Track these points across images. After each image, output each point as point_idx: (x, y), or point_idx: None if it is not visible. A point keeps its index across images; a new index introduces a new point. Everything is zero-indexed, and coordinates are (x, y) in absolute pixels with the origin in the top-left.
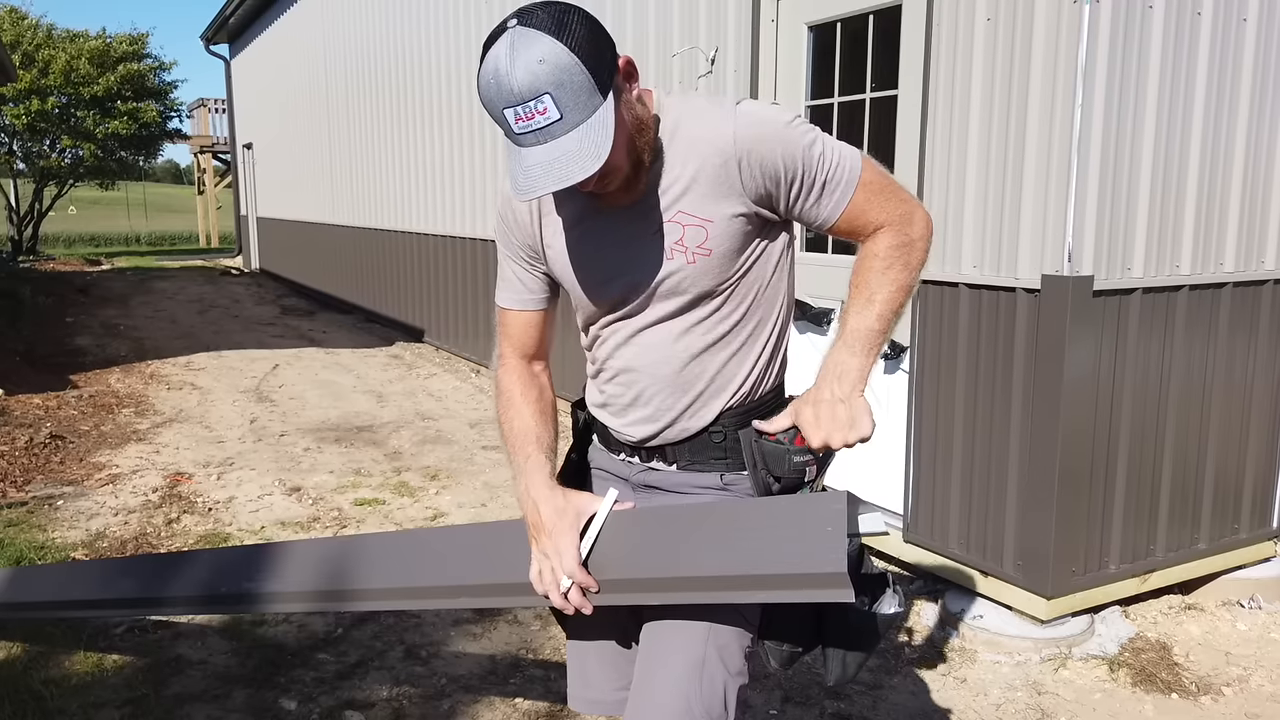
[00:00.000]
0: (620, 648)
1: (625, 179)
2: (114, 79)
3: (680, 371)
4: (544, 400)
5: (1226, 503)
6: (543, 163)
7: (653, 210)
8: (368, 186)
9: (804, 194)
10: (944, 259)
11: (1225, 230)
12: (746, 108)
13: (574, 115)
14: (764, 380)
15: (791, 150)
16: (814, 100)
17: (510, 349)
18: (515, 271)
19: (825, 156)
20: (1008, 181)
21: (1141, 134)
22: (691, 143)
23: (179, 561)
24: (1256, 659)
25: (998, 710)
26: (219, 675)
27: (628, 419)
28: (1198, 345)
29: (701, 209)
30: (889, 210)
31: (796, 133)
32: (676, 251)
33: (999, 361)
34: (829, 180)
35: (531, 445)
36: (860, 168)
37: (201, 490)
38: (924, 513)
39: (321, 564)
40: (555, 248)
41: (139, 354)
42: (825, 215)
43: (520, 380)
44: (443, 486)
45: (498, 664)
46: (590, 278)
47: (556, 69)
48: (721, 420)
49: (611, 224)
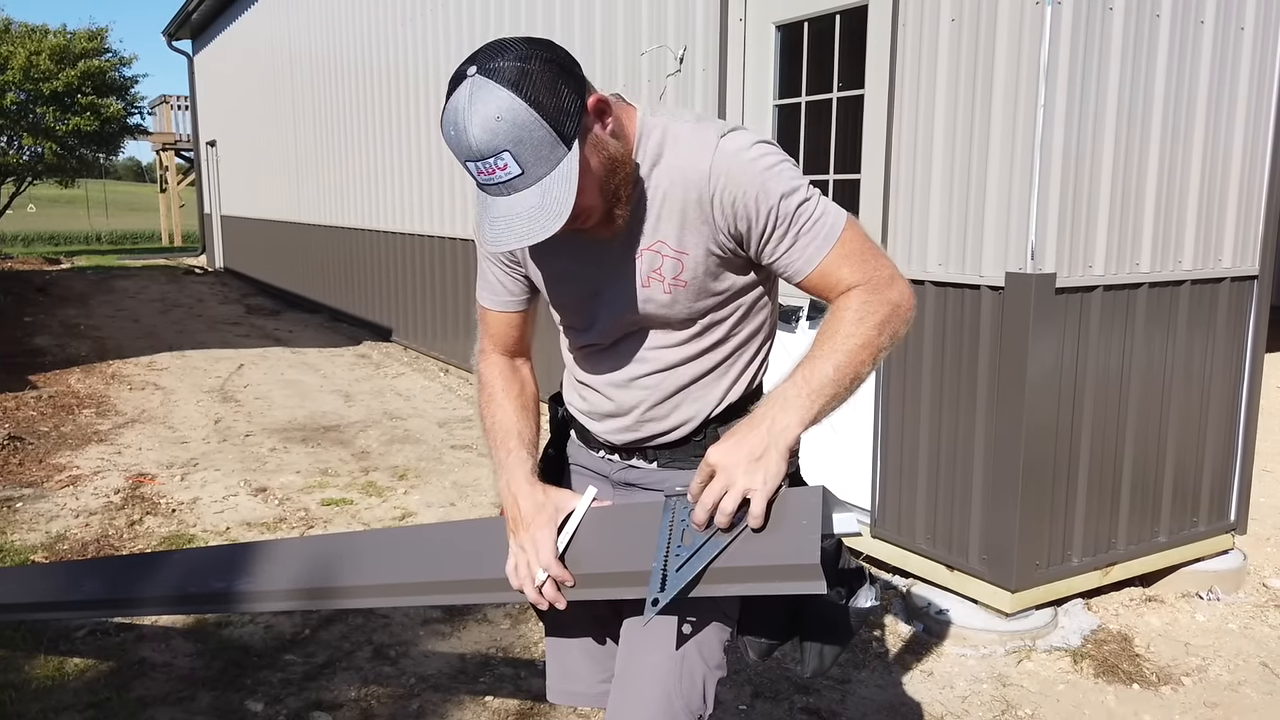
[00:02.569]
0: (601, 640)
1: (603, 214)
2: (74, 75)
3: (659, 388)
4: (526, 394)
5: (1185, 497)
6: (506, 216)
7: (633, 237)
8: (333, 184)
9: (775, 242)
10: (910, 257)
11: (1184, 228)
12: (729, 143)
13: (535, 170)
14: (748, 389)
15: (768, 194)
16: (782, 100)
17: (491, 344)
18: (495, 274)
19: (804, 208)
20: (972, 180)
21: (1102, 134)
22: (670, 172)
23: (145, 562)
24: (1215, 649)
25: (964, 703)
26: (183, 678)
27: (606, 426)
28: (1157, 342)
29: (678, 241)
30: (866, 272)
31: (777, 177)
32: (653, 280)
33: (964, 358)
34: (803, 232)
35: (513, 440)
36: (842, 226)
37: (165, 491)
38: (891, 508)
39: (294, 562)
40: (536, 260)
41: (100, 354)
42: (797, 267)
43: (502, 374)
44: (411, 486)
45: (467, 663)
46: (568, 297)
47: (514, 126)
48: (703, 430)
49: (592, 247)
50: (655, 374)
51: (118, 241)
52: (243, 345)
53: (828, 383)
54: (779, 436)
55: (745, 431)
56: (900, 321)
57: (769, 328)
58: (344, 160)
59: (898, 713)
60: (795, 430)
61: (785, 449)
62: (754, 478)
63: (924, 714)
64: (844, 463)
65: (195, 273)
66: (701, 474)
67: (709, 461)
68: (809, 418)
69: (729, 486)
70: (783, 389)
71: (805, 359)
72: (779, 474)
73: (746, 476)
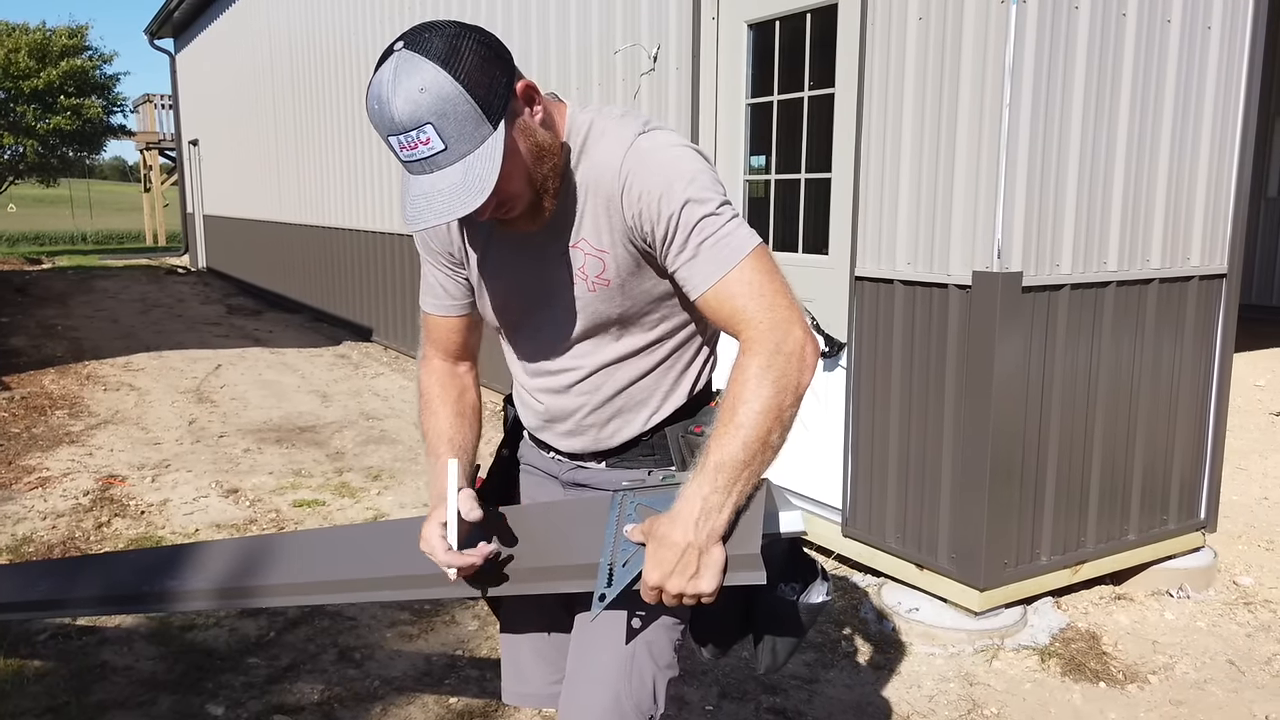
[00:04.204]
0: (552, 639)
1: (529, 206)
2: (55, 74)
3: (598, 392)
4: (464, 401)
5: (1155, 495)
6: (427, 194)
7: (561, 234)
8: (314, 183)
9: (675, 251)
10: (880, 256)
11: (1151, 227)
12: (646, 141)
13: (459, 146)
14: (694, 387)
15: (670, 199)
16: (754, 98)
17: (434, 350)
18: (436, 277)
19: (709, 221)
20: (939, 179)
21: (1069, 132)
22: (591, 168)
23: (98, 562)
24: (1182, 647)
25: (930, 701)
26: (144, 681)
27: (551, 433)
28: (1125, 341)
29: (598, 239)
30: (763, 307)
31: (687, 183)
32: (578, 279)
33: (932, 357)
34: (705, 246)
35: (443, 447)
36: (748, 251)
37: (135, 493)
38: (862, 507)
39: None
40: (472, 258)
41: (76, 354)
42: (695, 283)
43: (440, 381)
44: (385, 487)
45: (433, 664)
46: (496, 294)
47: (439, 99)
48: (648, 431)
49: (521, 244)
50: (592, 376)
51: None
52: (221, 346)
53: (739, 464)
54: (709, 543)
55: (674, 550)
56: (800, 372)
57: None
58: (324, 159)
59: (864, 712)
60: (722, 529)
61: (718, 548)
62: (696, 586)
63: (891, 713)
64: (815, 461)
65: (178, 273)
66: (636, 538)
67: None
68: (733, 508)
69: (668, 592)
70: (699, 486)
71: (712, 439)
72: (717, 574)
73: (689, 585)
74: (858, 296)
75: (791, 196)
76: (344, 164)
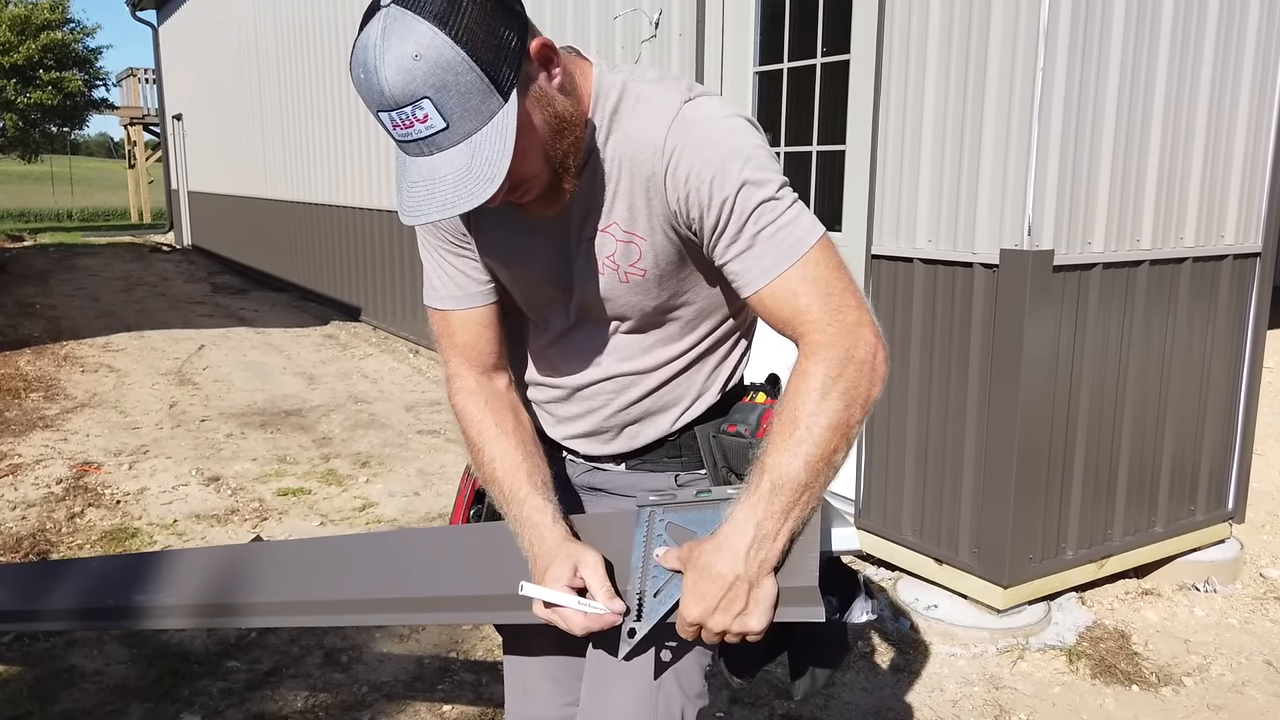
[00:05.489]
0: (564, 660)
1: (549, 186)
2: (35, 47)
3: (623, 394)
4: (524, 429)
5: (1183, 484)
6: (426, 181)
7: (587, 217)
8: (301, 158)
9: (728, 241)
10: (898, 233)
11: (1186, 203)
12: (693, 111)
13: (463, 124)
14: (728, 383)
15: (725, 180)
16: (763, 66)
17: (463, 363)
18: (451, 262)
19: (769, 207)
20: (965, 151)
21: (1104, 100)
22: (626, 141)
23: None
24: (1216, 646)
25: (954, 707)
26: (115, 688)
27: (566, 431)
28: (1157, 322)
29: (634, 223)
30: (828, 309)
31: (743, 162)
32: (608, 268)
33: (955, 340)
34: (761, 236)
35: (524, 487)
36: (812, 243)
37: (110, 481)
38: (876, 498)
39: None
40: (484, 238)
41: (54, 334)
42: (749, 278)
43: (490, 406)
44: (373, 474)
45: (425, 668)
46: (516, 282)
47: (437, 67)
48: (676, 431)
49: (540, 227)
50: (617, 377)
51: (90, 219)
52: (205, 325)
53: (799, 486)
54: (760, 576)
55: (719, 582)
56: (870, 384)
57: (750, 319)
58: (311, 132)
59: (884, 719)
60: (776, 559)
61: (770, 581)
62: (744, 624)
63: None
64: None
65: (162, 250)
66: (671, 564)
67: (688, 589)
68: (788, 535)
69: (710, 630)
70: (751, 510)
71: (768, 455)
72: (768, 610)
73: (735, 623)
74: (874, 276)
75: (802, 171)
76: (332, 137)
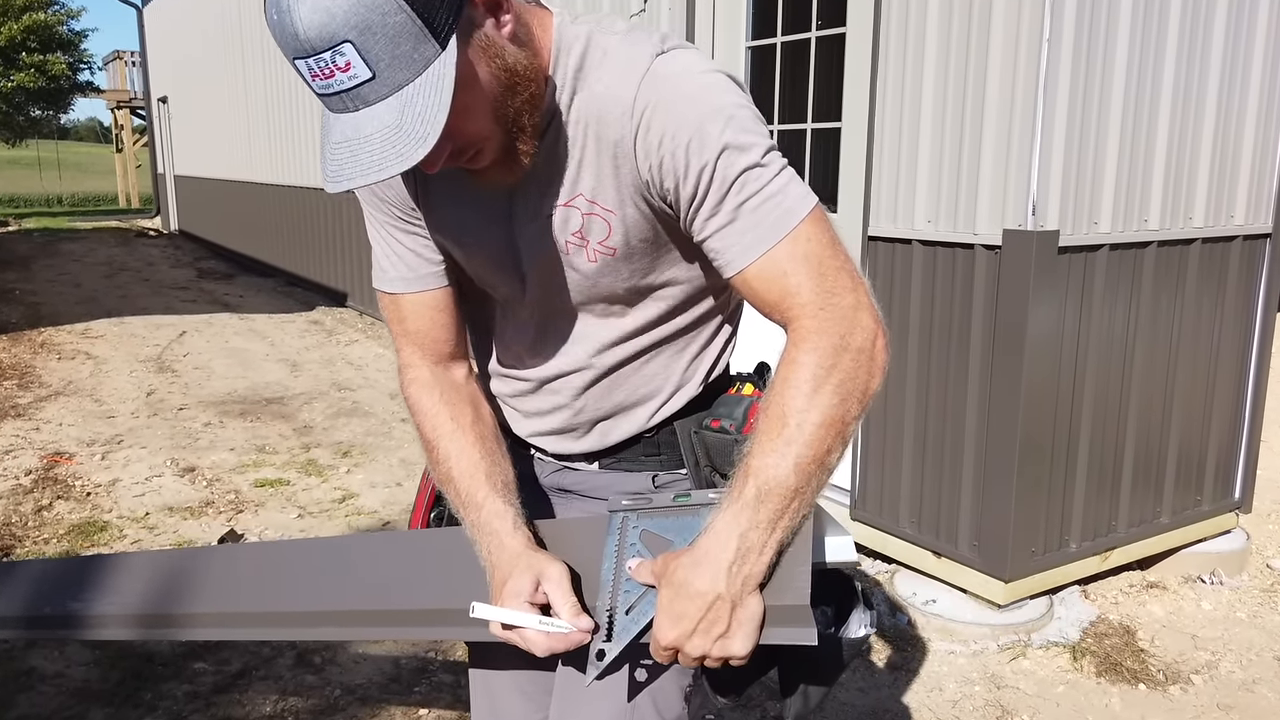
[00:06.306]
0: (534, 675)
1: (501, 151)
2: (17, 29)
3: (593, 386)
4: (484, 424)
5: (1190, 472)
6: (350, 141)
7: (550, 187)
8: (287, 139)
9: (707, 214)
10: (896, 214)
11: (1195, 181)
12: (665, 65)
13: (391, 74)
14: (710, 373)
15: (704, 143)
16: (755, 41)
17: (416, 352)
18: (400, 240)
19: (754, 175)
20: (966, 127)
21: (1112, 73)
22: (591, 100)
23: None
24: (1224, 642)
25: (954, 708)
26: (75, 691)
27: (533, 427)
28: (1164, 306)
29: (602, 194)
30: (821, 290)
31: (724, 123)
32: (573, 246)
33: (955, 325)
34: (745, 207)
35: (482, 489)
36: (803, 216)
37: (82, 472)
38: (872, 488)
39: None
40: (434, 215)
41: (32, 321)
42: (731, 256)
43: (445, 399)
44: (355, 464)
45: (402, 669)
46: (471, 263)
47: (359, 5)
48: (654, 427)
49: (496, 196)
50: (586, 368)
51: (81, 204)
52: (188, 311)
53: (788, 491)
54: (744, 594)
55: (697, 601)
56: (869, 375)
57: (736, 302)
58: (297, 113)
59: None
60: (762, 574)
61: (755, 599)
62: (725, 647)
63: None
64: None
65: (148, 235)
66: (645, 578)
67: (662, 608)
68: (776, 548)
69: (687, 654)
70: (734, 519)
71: (753, 457)
72: (752, 632)
73: (716, 647)
74: (870, 258)
75: (796, 149)
76: (317, 119)
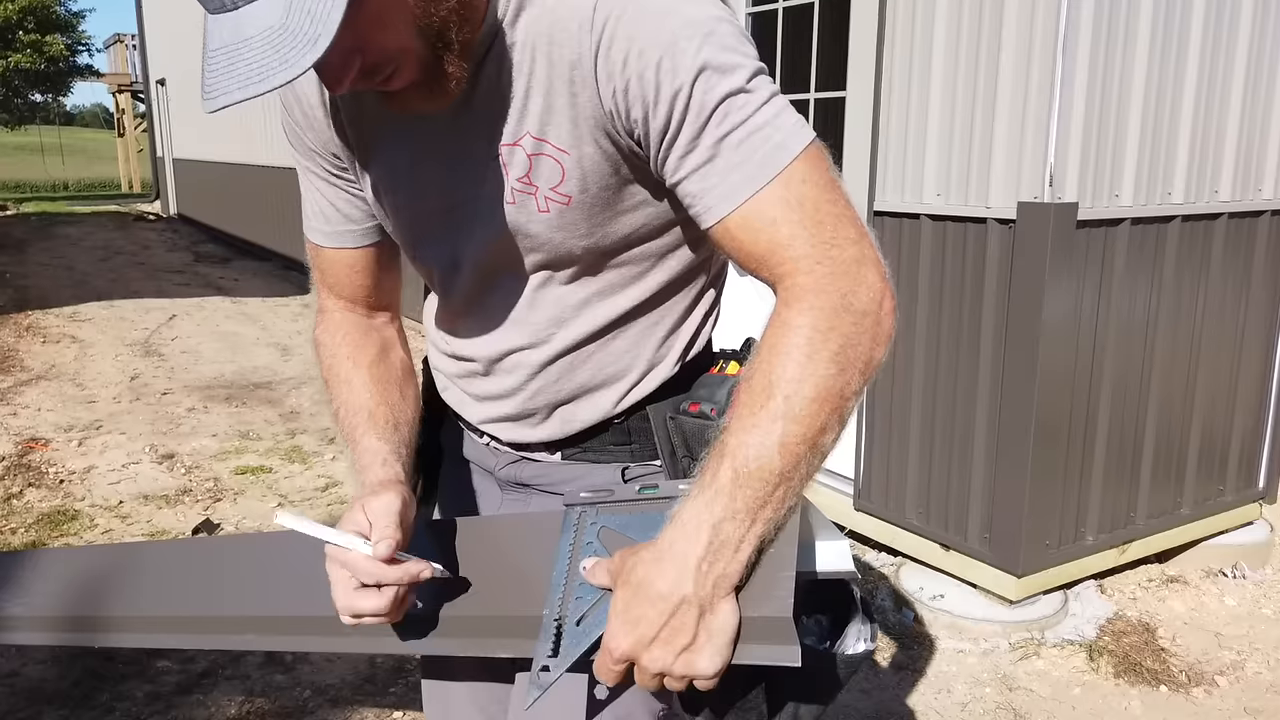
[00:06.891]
0: (493, 688)
1: (424, 71)
2: (14, 9)
3: (551, 363)
4: (388, 364)
5: (1212, 461)
6: (229, 47)
7: (490, 123)
8: None
9: (681, 149)
10: (904, 187)
11: (1222, 152)
12: None
13: None
14: (688, 349)
15: (676, 63)
16: (756, 7)
17: (331, 298)
18: (321, 191)
19: (738, 102)
20: (979, 94)
21: (1136, 35)
22: (542, 16)
23: None
24: (1250, 640)
25: (964, 710)
26: (29, 692)
27: (486, 413)
28: (1188, 283)
29: (554, 130)
30: (818, 241)
31: (701, 40)
32: (521, 194)
33: (966, 302)
34: (727, 142)
35: (361, 426)
36: (797, 153)
37: (57, 459)
38: (878, 477)
39: (75, 580)
40: (364, 158)
41: (20, 304)
42: (710, 201)
43: (348, 338)
44: (340, 451)
45: (378, 668)
46: (401, 216)
47: None
48: (624, 412)
49: (433, 135)
50: (542, 344)
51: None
52: (180, 295)
53: (772, 476)
54: (715, 598)
55: (658, 605)
56: (873, 342)
57: (716, 266)
58: None
59: None
60: (738, 576)
61: (728, 606)
62: (690, 664)
63: None
64: None
65: (147, 219)
66: (600, 580)
67: (615, 613)
68: (756, 544)
69: (645, 669)
70: (705, 506)
71: (730, 433)
72: (724, 646)
73: (679, 662)
74: (877, 233)
75: None
76: None
